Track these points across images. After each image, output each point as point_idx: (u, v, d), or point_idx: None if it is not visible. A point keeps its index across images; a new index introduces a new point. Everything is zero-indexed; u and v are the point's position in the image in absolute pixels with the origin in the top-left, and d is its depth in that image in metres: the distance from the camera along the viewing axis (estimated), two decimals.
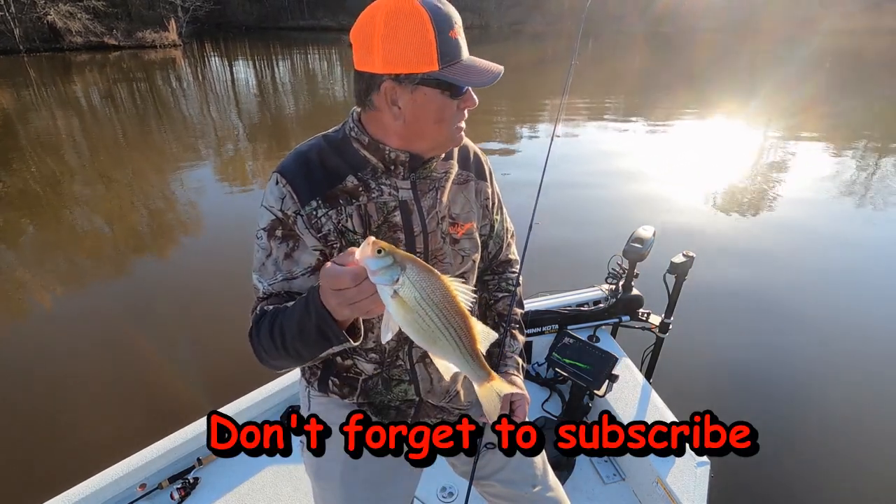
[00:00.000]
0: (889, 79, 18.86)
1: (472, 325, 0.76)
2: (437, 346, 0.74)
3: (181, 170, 7.49)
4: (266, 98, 14.41)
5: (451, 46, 0.86)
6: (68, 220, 5.79)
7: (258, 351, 0.93)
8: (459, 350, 0.75)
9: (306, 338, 0.81)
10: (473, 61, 0.90)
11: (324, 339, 0.80)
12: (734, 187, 6.67)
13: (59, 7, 26.15)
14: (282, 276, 0.97)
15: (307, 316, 0.79)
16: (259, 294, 1.00)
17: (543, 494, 1.22)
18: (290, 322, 0.84)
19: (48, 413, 2.90)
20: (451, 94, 0.89)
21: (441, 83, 0.87)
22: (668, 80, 18.40)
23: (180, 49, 28.95)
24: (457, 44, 0.87)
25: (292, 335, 0.84)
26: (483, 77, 0.87)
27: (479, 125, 9.93)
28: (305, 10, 51.75)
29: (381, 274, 0.66)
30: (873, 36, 43.02)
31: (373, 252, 0.66)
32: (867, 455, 2.56)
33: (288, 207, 0.94)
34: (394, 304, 0.68)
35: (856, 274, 4.45)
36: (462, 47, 0.89)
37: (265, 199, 0.97)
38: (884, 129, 10.32)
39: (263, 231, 0.97)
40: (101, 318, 3.86)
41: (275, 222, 0.96)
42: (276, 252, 0.97)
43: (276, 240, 0.96)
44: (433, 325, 0.71)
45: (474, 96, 0.93)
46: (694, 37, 42.73)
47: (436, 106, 0.89)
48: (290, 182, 0.94)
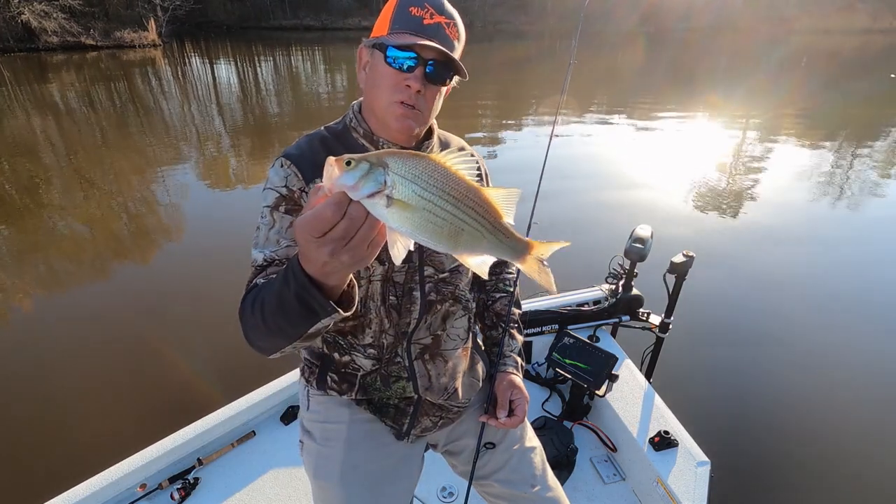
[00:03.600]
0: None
1: (488, 195, 0.62)
2: (462, 240, 0.60)
3: (162, 172, 7.34)
4: (249, 98, 14.23)
5: (405, 17, 0.92)
6: (69, 221, 5.66)
7: (244, 329, 0.83)
8: (488, 231, 0.62)
9: (287, 310, 0.70)
10: (419, 36, 0.91)
11: (307, 311, 0.68)
12: (733, 186, 6.72)
13: (33, 6, 25.52)
14: (286, 243, 0.95)
15: (286, 286, 0.68)
16: (257, 264, 0.94)
17: (543, 494, 1.22)
18: (270, 294, 0.74)
19: (48, 413, 2.88)
20: (388, 61, 0.92)
21: (382, 47, 0.92)
22: (654, 79, 18.62)
23: (160, 49, 28.49)
24: (415, 20, 0.91)
25: (272, 308, 0.73)
26: (407, 40, 0.89)
27: (467, 119, 9.95)
28: (287, 9, 51.25)
29: (363, 185, 0.53)
30: (846, 35, 44.06)
31: (341, 167, 0.54)
32: (867, 455, 2.57)
33: (293, 185, 0.97)
34: (394, 212, 0.55)
35: (860, 268, 4.50)
36: (424, 25, 0.91)
37: (269, 182, 0.99)
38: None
39: (267, 208, 0.98)
40: (101, 318, 3.83)
41: (279, 199, 0.97)
42: (280, 223, 0.96)
43: (280, 213, 0.97)
44: (448, 214, 0.57)
45: (419, 77, 0.92)
46: (674, 36, 43.32)
47: (379, 72, 0.94)
48: (294, 163, 0.98)
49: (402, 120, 0.95)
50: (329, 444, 1.16)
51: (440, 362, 1.14)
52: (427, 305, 1.08)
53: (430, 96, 0.96)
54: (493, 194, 0.62)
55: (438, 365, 1.14)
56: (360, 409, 1.17)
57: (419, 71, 0.92)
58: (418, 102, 0.94)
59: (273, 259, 0.94)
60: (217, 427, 1.93)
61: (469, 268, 0.67)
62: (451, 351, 1.16)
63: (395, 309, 1.06)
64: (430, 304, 1.09)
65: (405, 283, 1.05)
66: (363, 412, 1.18)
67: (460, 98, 12.56)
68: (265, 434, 2.07)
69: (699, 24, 59.07)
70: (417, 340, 1.11)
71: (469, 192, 0.59)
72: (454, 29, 0.95)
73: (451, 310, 1.13)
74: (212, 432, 1.93)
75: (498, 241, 0.64)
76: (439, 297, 1.09)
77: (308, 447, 1.20)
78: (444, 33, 0.93)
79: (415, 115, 0.95)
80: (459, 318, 1.16)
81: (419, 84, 0.92)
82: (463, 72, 0.97)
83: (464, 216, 0.58)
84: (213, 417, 1.94)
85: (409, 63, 0.91)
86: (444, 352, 1.14)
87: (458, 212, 0.58)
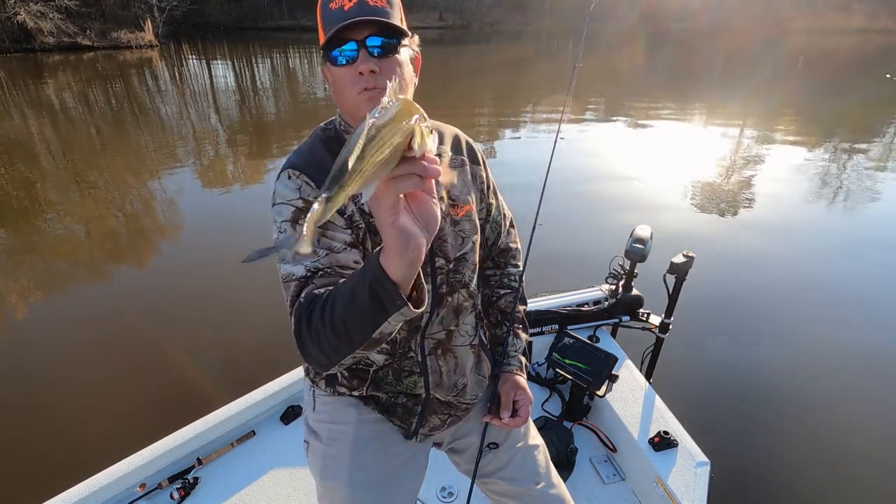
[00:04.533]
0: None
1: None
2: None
3: (160, 172, 7.32)
4: (246, 99, 14.20)
5: (329, 15, 0.90)
6: (77, 220, 5.64)
7: (303, 341, 0.79)
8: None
9: (357, 304, 0.69)
10: (346, 24, 0.88)
11: (377, 305, 0.67)
12: (734, 186, 6.73)
13: (29, 7, 25.39)
14: (323, 252, 0.90)
15: (362, 280, 0.68)
16: (297, 276, 0.88)
17: (547, 491, 1.22)
18: (342, 293, 0.73)
19: (47, 413, 2.87)
20: (334, 63, 0.91)
21: (325, 55, 0.91)
22: (652, 79, 18.64)
23: (157, 49, 28.39)
24: (337, 12, 0.89)
25: (343, 304, 0.72)
26: (338, 34, 0.87)
27: (465, 118, 9.92)
28: (284, 9, 51.19)
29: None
30: (842, 36, 44.18)
31: (430, 136, 0.53)
32: (867, 454, 2.57)
33: (308, 194, 0.94)
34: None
35: (859, 265, 4.52)
36: (346, 11, 0.88)
37: (278, 197, 0.95)
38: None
39: (286, 223, 0.93)
40: (100, 318, 3.82)
41: (297, 212, 0.93)
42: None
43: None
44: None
45: (365, 58, 0.88)
46: (672, 36, 43.38)
47: (335, 77, 0.93)
48: (304, 172, 0.95)
49: (370, 103, 0.89)
50: (336, 445, 1.16)
51: (451, 358, 1.14)
52: (438, 298, 1.07)
53: (387, 70, 0.91)
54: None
55: (449, 361, 1.14)
56: (367, 410, 1.17)
57: (362, 53, 0.89)
58: (378, 82, 0.90)
59: (317, 269, 0.89)
60: (217, 427, 1.93)
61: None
62: (460, 347, 1.15)
63: None
64: (441, 297, 1.08)
65: None
66: (371, 412, 1.17)
67: (458, 97, 12.59)
68: (265, 434, 2.07)
69: (696, 24, 59.31)
70: (431, 335, 1.10)
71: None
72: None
73: (463, 304, 1.12)
74: (211, 432, 1.92)
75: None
76: (449, 288, 1.09)
77: (314, 448, 1.19)
78: (368, 7, 0.88)
79: (380, 93, 0.90)
80: (469, 314, 1.16)
81: (369, 65, 0.88)
82: (403, 30, 0.92)
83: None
84: (213, 417, 1.93)
85: (349, 53, 0.89)
86: (454, 347, 1.14)
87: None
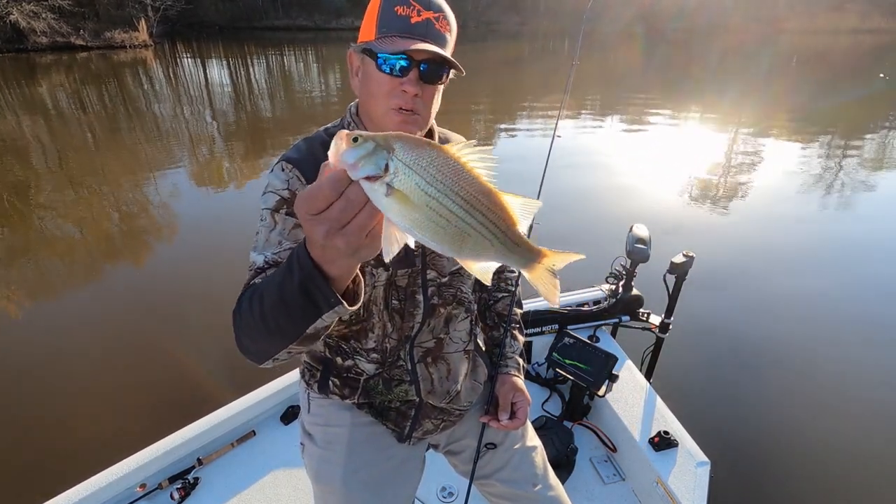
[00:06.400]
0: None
1: (503, 201, 0.55)
2: (466, 245, 0.53)
3: (154, 173, 7.28)
4: (241, 99, 14.14)
5: (391, 18, 0.86)
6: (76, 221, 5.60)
7: (237, 332, 0.78)
8: (497, 239, 0.55)
9: (288, 301, 0.65)
10: (409, 37, 0.86)
11: (309, 303, 0.63)
12: (734, 186, 6.74)
13: (22, 6, 25.19)
14: (288, 245, 0.91)
15: (289, 274, 0.63)
16: (257, 266, 0.89)
17: (545, 493, 1.22)
18: (271, 285, 0.68)
19: (47, 413, 2.86)
20: (380, 68, 0.89)
21: (371, 53, 0.88)
22: (647, 78, 18.69)
23: (151, 49, 28.24)
24: (402, 20, 0.86)
25: (272, 301, 0.68)
26: (397, 45, 0.84)
27: (462, 115, 9.95)
28: (280, 9, 51.00)
29: (362, 165, 0.48)
30: (835, 36, 44.44)
31: (348, 142, 0.49)
32: (867, 455, 2.58)
33: (295, 187, 0.95)
34: (392, 203, 0.49)
35: (858, 270, 4.50)
36: (413, 24, 0.86)
37: (269, 185, 0.96)
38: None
39: (268, 210, 0.94)
40: (100, 318, 3.82)
41: (280, 202, 0.94)
42: (283, 224, 0.93)
43: (281, 215, 0.94)
44: (453, 215, 0.51)
45: (414, 80, 0.88)
46: (667, 36, 43.52)
47: (372, 79, 0.90)
48: (296, 166, 0.95)
49: (402, 126, 0.90)
50: (331, 448, 1.16)
51: (442, 365, 1.14)
52: (430, 309, 1.07)
53: (428, 97, 0.92)
54: (510, 200, 0.55)
55: (441, 368, 1.14)
56: (361, 413, 1.17)
57: (413, 74, 0.87)
58: (416, 106, 0.90)
59: (275, 261, 0.89)
60: (217, 427, 1.93)
61: (471, 273, 0.61)
62: (453, 354, 1.15)
63: (399, 313, 1.05)
64: (433, 308, 1.08)
65: (408, 287, 1.04)
66: (364, 416, 1.17)
67: (456, 97, 12.57)
68: (265, 434, 2.06)
69: (691, 24, 59.56)
70: (420, 344, 1.10)
71: (481, 193, 0.52)
72: (444, 22, 0.89)
73: (453, 313, 1.13)
74: (212, 432, 1.92)
75: (507, 249, 0.57)
76: (441, 300, 1.09)
77: (309, 450, 1.19)
78: (434, 30, 0.87)
79: (414, 119, 0.91)
80: (462, 321, 1.16)
81: (415, 88, 0.87)
82: (458, 67, 0.91)
83: (471, 219, 0.52)
84: (213, 417, 1.93)
85: (402, 65, 0.87)
86: (446, 355, 1.14)
87: (464, 214, 0.51)
